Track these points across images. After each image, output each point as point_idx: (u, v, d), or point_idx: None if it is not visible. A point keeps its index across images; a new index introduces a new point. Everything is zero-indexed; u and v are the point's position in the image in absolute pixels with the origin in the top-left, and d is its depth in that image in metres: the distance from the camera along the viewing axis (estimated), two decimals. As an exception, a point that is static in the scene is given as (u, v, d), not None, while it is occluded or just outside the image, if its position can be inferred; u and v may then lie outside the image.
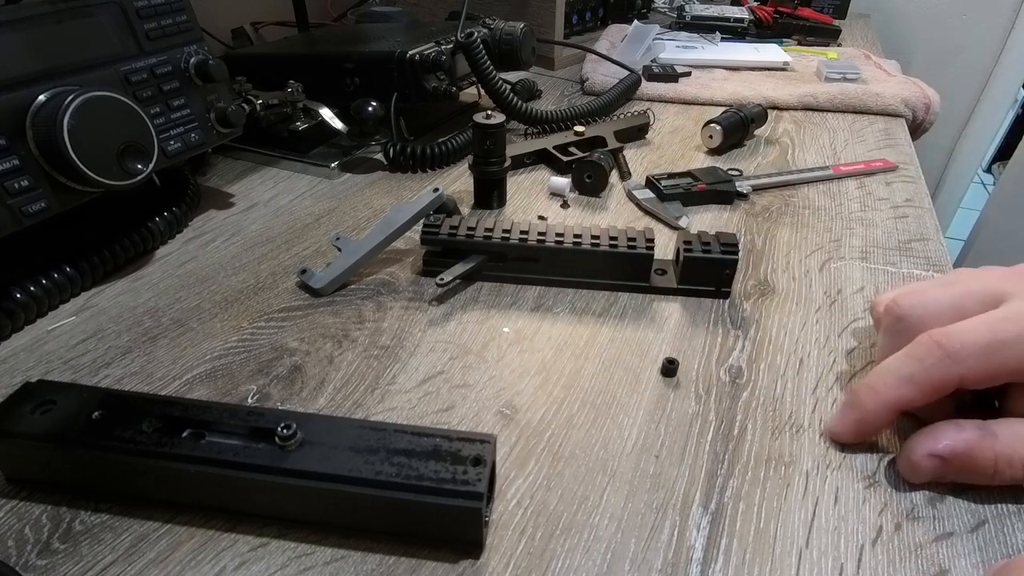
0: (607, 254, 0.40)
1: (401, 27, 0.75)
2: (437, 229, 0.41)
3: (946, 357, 0.27)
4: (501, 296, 0.41)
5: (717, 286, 0.41)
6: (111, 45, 0.41)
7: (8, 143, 0.35)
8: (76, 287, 0.41)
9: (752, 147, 0.63)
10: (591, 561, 0.25)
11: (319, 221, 0.50)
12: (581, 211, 0.52)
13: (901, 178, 0.57)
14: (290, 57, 0.65)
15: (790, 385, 0.34)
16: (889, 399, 0.29)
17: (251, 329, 0.38)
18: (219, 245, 0.47)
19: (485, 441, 0.26)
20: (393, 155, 0.57)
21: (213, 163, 0.60)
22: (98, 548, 0.26)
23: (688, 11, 1.01)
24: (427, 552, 0.26)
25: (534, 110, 0.61)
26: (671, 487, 0.29)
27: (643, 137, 0.65)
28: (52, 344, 0.37)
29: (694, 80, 0.79)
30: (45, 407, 0.27)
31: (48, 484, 0.28)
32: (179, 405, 0.27)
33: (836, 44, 0.98)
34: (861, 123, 0.69)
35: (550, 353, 0.36)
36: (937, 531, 0.27)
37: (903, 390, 0.28)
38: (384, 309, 0.40)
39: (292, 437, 0.26)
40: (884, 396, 0.29)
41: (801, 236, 0.48)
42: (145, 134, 0.41)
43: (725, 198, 0.52)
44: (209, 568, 0.25)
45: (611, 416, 0.32)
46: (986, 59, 1.29)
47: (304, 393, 0.33)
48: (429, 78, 0.57)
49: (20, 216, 0.36)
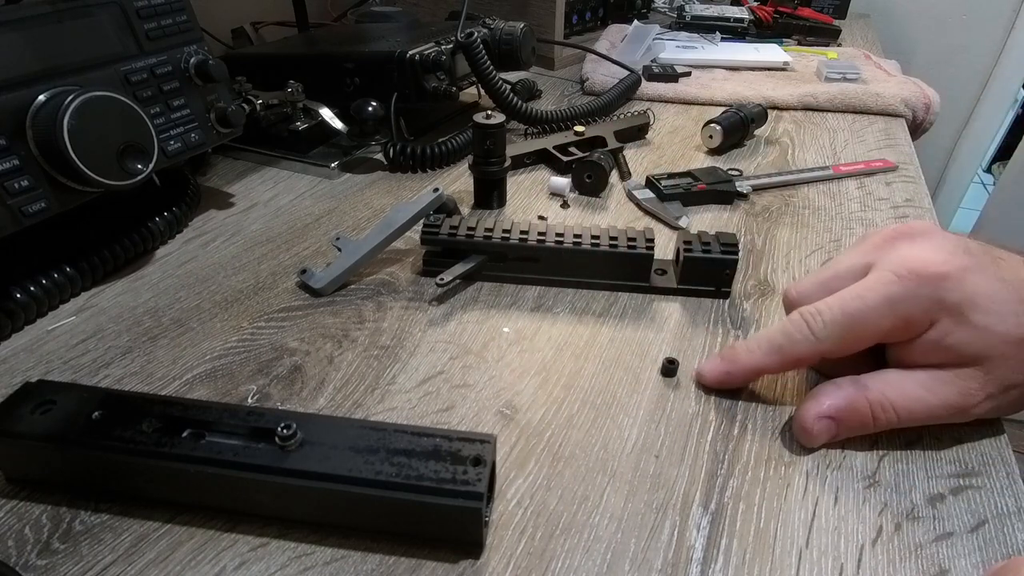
0: (607, 254, 0.40)
1: (401, 27, 0.75)
2: (437, 229, 0.41)
3: (811, 335, 0.30)
4: (501, 296, 0.41)
5: (717, 286, 0.41)
6: (111, 45, 0.41)
7: (8, 143, 0.35)
8: (76, 287, 0.41)
9: (752, 147, 0.63)
10: (591, 561, 0.25)
11: (319, 221, 0.50)
12: (581, 211, 0.52)
13: (901, 178, 0.57)
14: (290, 57, 0.65)
15: (790, 385, 0.34)
16: (756, 363, 0.32)
17: (251, 329, 0.38)
18: (219, 245, 0.47)
19: (485, 441, 0.26)
20: (393, 155, 0.57)
21: (213, 163, 0.60)
22: (98, 548, 0.26)
23: (688, 11, 1.01)
24: (427, 552, 0.26)
25: (534, 110, 0.61)
26: (671, 487, 0.29)
27: (643, 137, 0.65)
28: (52, 344, 0.37)
29: (694, 80, 0.79)
30: (45, 407, 0.27)
31: (48, 484, 0.28)
32: (179, 405, 0.27)
33: (836, 44, 0.98)
34: (861, 123, 0.69)
35: (550, 353, 0.36)
36: (937, 531, 0.27)
37: (769, 359, 0.31)
38: (384, 309, 0.40)
39: (292, 437, 0.26)
40: (752, 360, 0.32)
41: (801, 236, 0.48)
42: (145, 134, 0.41)
43: (725, 198, 0.52)
44: (209, 568, 0.25)
45: (611, 416, 0.32)
46: (986, 59, 1.29)
47: (304, 393, 0.33)
48: (429, 78, 0.57)
49: (20, 216, 0.36)
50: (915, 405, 0.29)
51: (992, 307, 0.28)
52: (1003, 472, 0.29)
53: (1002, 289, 0.28)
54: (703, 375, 0.34)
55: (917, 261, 0.29)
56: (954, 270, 0.28)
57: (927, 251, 0.29)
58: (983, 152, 1.44)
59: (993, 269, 0.29)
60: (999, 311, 0.28)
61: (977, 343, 0.28)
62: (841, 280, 0.31)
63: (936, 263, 0.28)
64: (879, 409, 0.29)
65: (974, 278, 0.28)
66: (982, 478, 0.29)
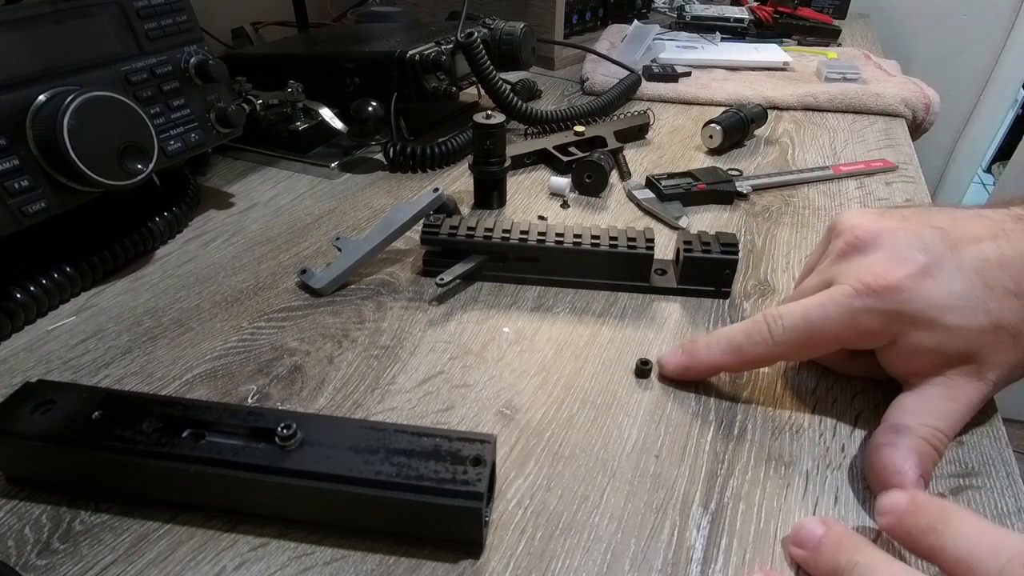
0: (607, 254, 0.40)
1: (401, 27, 0.75)
2: (437, 229, 0.41)
3: (769, 337, 0.31)
4: (501, 296, 0.41)
5: (717, 286, 0.41)
6: (111, 45, 0.41)
7: (8, 143, 0.35)
8: (76, 287, 0.41)
9: (752, 147, 0.63)
10: (591, 561, 0.25)
11: (319, 221, 0.50)
12: (581, 211, 0.52)
13: (901, 178, 0.57)
14: (290, 57, 0.65)
15: (790, 385, 0.34)
16: (715, 361, 0.33)
17: (251, 329, 0.38)
18: (219, 245, 0.47)
19: (485, 441, 0.26)
20: (393, 155, 0.57)
21: (213, 163, 0.60)
22: (98, 548, 0.26)
23: (688, 11, 1.01)
24: (427, 552, 0.26)
25: (534, 110, 0.61)
26: (671, 487, 0.29)
27: (643, 137, 0.65)
28: (52, 344, 0.37)
29: (694, 80, 0.79)
30: (45, 407, 0.27)
31: (48, 484, 0.28)
32: (179, 405, 0.27)
33: (836, 44, 0.98)
34: (861, 123, 0.69)
35: (550, 353, 0.36)
36: (937, 531, 0.27)
37: (728, 358, 0.32)
38: (384, 309, 0.40)
39: (292, 437, 0.26)
40: (711, 357, 0.33)
41: (801, 236, 0.48)
42: (145, 134, 0.41)
43: (725, 198, 0.52)
44: (209, 568, 0.25)
45: (611, 416, 0.32)
46: (986, 59, 1.29)
47: (304, 393, 0.33)
48: (429, 78, 0.57)
49: (20, 216, 0.36)
50: (953, 418, 0.29)
51: (958, 304, 0.28)
52: (1003, 472, 0.29)
53: (962, 282, 0.28)
54: (664, 365, 0.34)
55: (871, 275, 0.29)
56: (908, 280, 0.28)
57: (880, 263, 0.29)
58: (983, 152, 1.44)
59: (952, 259, 0.28)
60: (965, 307, 0.28)
61: (956, 342, 0.28)
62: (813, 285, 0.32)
63: (890, 275, 0.28)
64: (937, 443, 0.28)
65: (931, 283, 0.28)
66: (982, 478, 0.29)
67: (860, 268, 0.30)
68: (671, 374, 0.34)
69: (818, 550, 0.25)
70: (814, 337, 0.30)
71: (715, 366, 0.33)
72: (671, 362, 0.34)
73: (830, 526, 0.25)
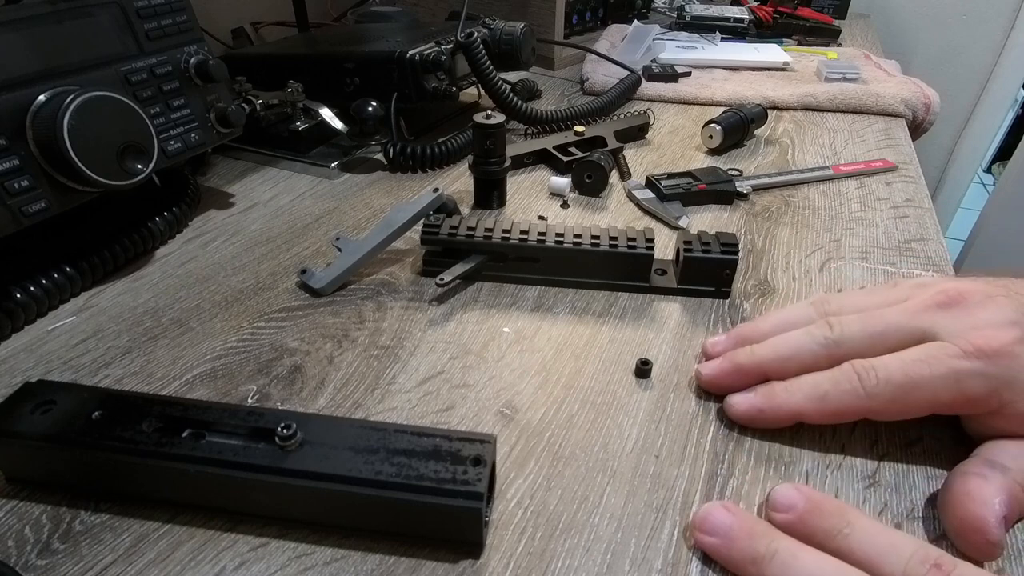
0: (607, 254, 0.40)
1: (401, 27, 0.75)
2: (437, 229, 0.41)
3: (860, 387, 0.28)
4: (501, 296, 0.41)
5: (717, 286, 0.41)
6: (111, 45, 0.41)
7: (8, 143, 0.35)
8: (76, 287, 0.41)
9: (752, 147, 0.63)
10: (591, 561, 0.25)
11: (319, 221, 0.50)
12: (581, 211, 0.52)
13: (901, 178, 0.57)
14: (290, 57, 0.64)
15: (790, 385, 0.34)
16: (796, 406, 0.30)
17: (251, 329, 0.38)
18: (219, 245, 0.47)
19: (485, 441, 0.26)
20: (393, 155, 0.57)
21: (213, 163, 0.60)
22: (98, 548, 0.26)
23: (688, 11, 1.01)
24: (427, 552, 0.26)
25: (534, 110, 0.61)
26: (671, 487, 0.29)
27: (643, 137, 0.65)
28: (52, 344, 0.37)
29: (694, 80, 0.79)
30: (45, 407, 0.27)
31: (48, 484, 0.28)
32: (179, 405, 0.27)
33: (836, 44, 0.98)
34: (861, 123, 0.69)
35: (550, 353, 0.36)
36: (937, 531, 0.27)
37: (810, 404, 0.29)
38: (384, 309, 0.40)
39: (292, 437, 0.26)
40: (792, 401, 0.30)
41: (801, 236, 0.48)
42: (145, 134, 0.41)
43: (725, 198, 0.52)
44: (209, 568, 0.25)
45: (611, 416, 0.32)
46: (986, 59, 1.29)
47: (304, 393, 0.33)
48: (429, 78, 0.57)
49: (20, 216, 0.36)
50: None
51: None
52: (1003, 472, 0.29)
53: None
54: (733, 411, 0.31)
55: (981, 337, 0.27)
56: (1018, 346, 0.26)
57: (990, 325, 0.27)
58: (983, 152, 1.44)
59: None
60: None
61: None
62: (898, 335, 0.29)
63: (1001, 339, 0.27)
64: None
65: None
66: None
67: (966, 327, 0.28)
68: (742, 420, 0.31)
69: (730, 538, 0.24)
70: (911, 396, 0.27)
71: (794, 413, 0.30)
72: (741, 407, 0.31)
73: (737, 514, 0.25)
